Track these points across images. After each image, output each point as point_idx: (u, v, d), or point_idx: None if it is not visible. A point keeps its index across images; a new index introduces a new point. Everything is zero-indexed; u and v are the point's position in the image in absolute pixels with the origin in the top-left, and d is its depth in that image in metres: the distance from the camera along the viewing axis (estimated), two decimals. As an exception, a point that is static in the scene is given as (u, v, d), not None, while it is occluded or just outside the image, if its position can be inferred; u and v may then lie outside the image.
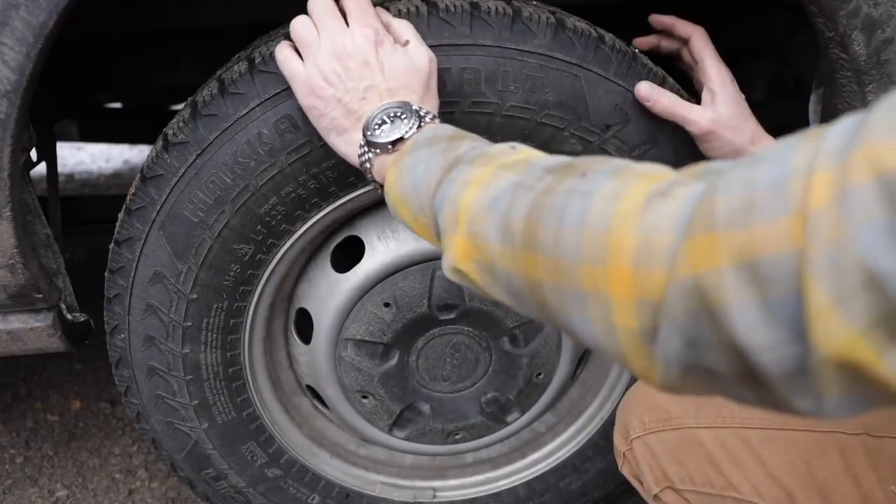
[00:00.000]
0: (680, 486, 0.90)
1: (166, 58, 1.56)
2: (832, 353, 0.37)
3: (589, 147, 0.97)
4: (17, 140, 0.91)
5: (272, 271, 1.03)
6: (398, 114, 0.77)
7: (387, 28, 0.84)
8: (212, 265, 0.99)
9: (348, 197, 0.99)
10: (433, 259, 1.05)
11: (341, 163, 0.94)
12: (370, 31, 0.81)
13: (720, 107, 0.95)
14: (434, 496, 1.29)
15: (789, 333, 0.39)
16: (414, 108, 0.78)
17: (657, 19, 1.09)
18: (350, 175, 0.96)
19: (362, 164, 0.80)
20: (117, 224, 1.02)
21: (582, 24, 0.96)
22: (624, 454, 0.97)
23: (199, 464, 1.16)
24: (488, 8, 0.92)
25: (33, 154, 1.14)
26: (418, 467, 1.31)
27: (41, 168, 1.54)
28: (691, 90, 1.02)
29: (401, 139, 0.76)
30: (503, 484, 1.29)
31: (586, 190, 0.53)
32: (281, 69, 0.86)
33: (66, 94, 1.66)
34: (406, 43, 0.83)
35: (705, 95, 0.97)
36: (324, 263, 1.08)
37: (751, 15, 1.37)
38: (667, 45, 1.09)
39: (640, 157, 0.98)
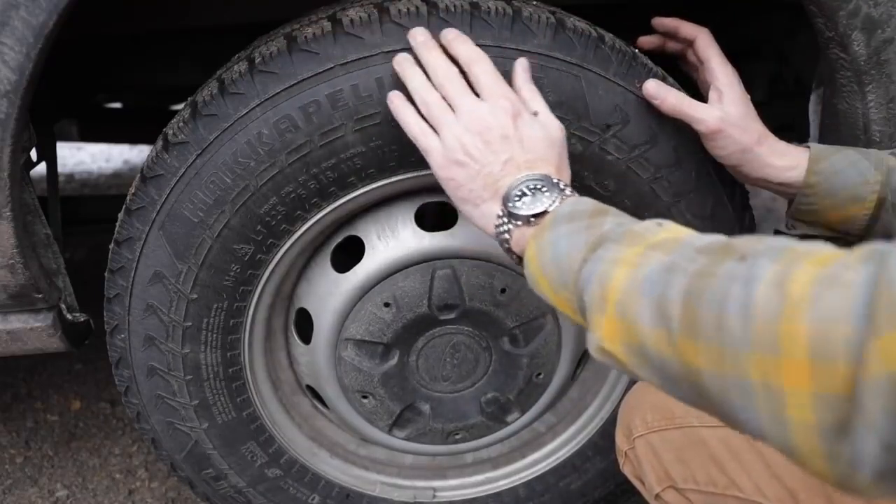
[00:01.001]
0: (682, 485, 0.90)
1: (166, 58, 1.56)
2: None
3: (589, 147, 0.97)
4: (17, 140, 0.91)
5: (272, 271, 1.03)
6: (539, 186, 0.77)
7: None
8: (212, 265, 0.99)
9: (348, 197, 0.99)
10: (433, 259, 1.05)
11: (341, 163, 0.94)
12: (507, 104, 0.81)
13: (728, 106, 0.95)
14: (434, 496, 1.29)
15: None
16: (554, 180, 0.77)
17: (660, 22, 1.08)
18: (350, 175, 0.96)
19: (499, 234, 0.79)
20: (117, 224, 1.02)
21: (582, 24, 0.96)
22: (626, 453, 0.97)
23: (199, 464, 1.16)
24: (488, 8, 0.92)
25: (33, 154, 1.14)
26: (418, 467, 1.31)
27: (41, 168, 1.54)
28: (691, 91, 1.02)
29: (543, 212, 0.75)
30: (503, 484, 1.29)
31: (748, 275, 0.51)
32: (416, 143, 0.85)
33: (66, 94, 1.66)
34: (535, 113, 0.83)
35: (712, 95, 0.97)
36: (324, 263, 1.08)
37: (751, 15, 1.37)
38: (671, 45, 1.09)
39: (641, 157, 0.98)
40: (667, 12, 1.09)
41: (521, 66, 0.88)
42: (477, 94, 0.83)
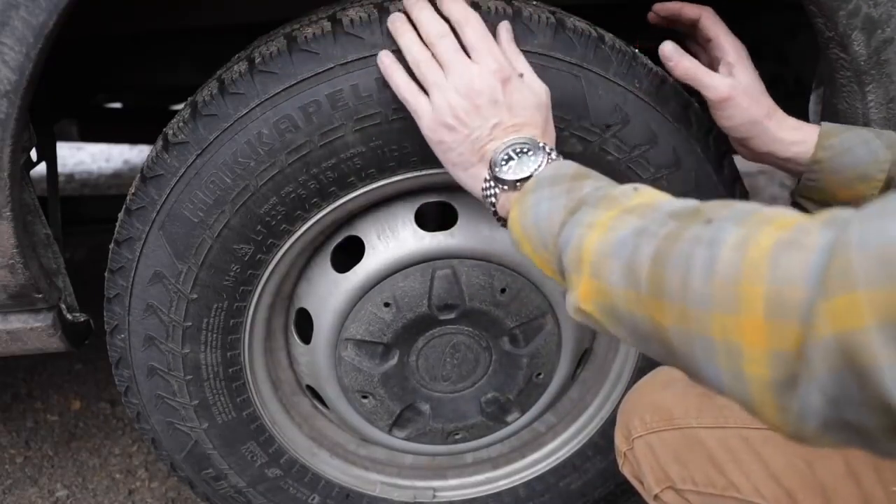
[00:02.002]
0: (681, 485, 0.90)
1: (166, 58, 1.56)
2: None
3: (589, 147, 0.97)
4: (17, 140, 0.91)
5: (272, 271, 1.03)
6: (525, 150, 0.78)
7: None
8: (212, 265, 0.99)
9: (348, 197, 0.99)
10: (433, 259, 1.05)
11: (341, 163, 0.94)
12: (497, 67, 0.82)
13: (739, 76, 0.95)
14: (434, 496, 1.29)
15: None
16: (540, 144, 0.79)
17: (662, 7, 1.06)
18: (350, 175, 0.96)
19: (486, 198, 0.81)
20: (117, 224, 1.02)
21: (582, 24, 0.96)
22: (625, 454, 0.97)
23: (199, 464, 1.16)
24: (488, 8, 0.92)
25: (33, 154, 1.14)
26: (418, 467, 1.31)
27: (41, 168, 1.54)
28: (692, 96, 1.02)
29: (529, 177, 0.77)
30: (503, 484, 1.29)
31: (712, 237, 0.53)
32: (406, 104, 0.86)
33: (66, 94, 1.66)
34: (521, 75, 0.84)
35: (722, 68, 0.97)
36: (324, 263, 1.08)
37: (751, 15, 1.37)
38: (678, 25, 1.07)
39: (641, 157, 0.98)
40: (666, 12, 1.09)
41: (505, 29, 0.89)
42: (468, 55, 0.84)
